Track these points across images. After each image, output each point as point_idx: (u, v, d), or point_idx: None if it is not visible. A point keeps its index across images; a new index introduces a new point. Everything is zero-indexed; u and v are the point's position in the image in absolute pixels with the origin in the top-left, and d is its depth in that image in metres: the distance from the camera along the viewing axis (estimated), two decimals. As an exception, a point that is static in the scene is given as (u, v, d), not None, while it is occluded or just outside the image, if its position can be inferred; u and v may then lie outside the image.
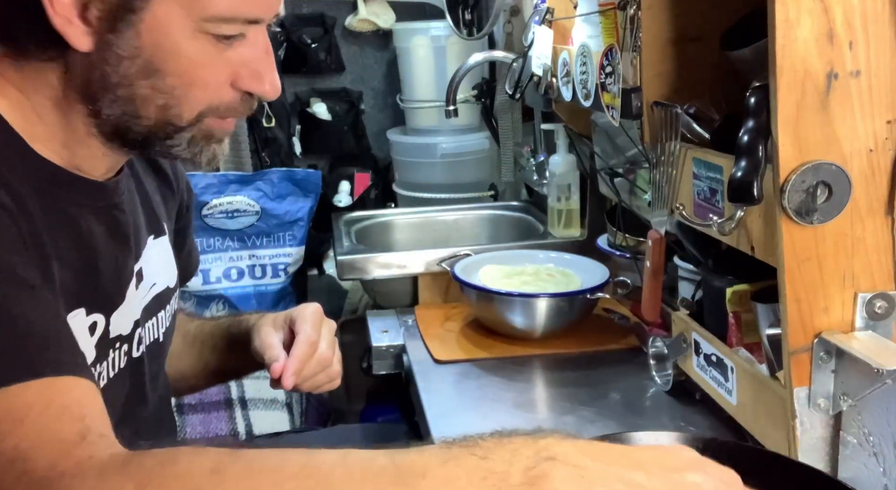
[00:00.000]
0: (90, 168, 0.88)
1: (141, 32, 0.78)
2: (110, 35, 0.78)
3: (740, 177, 0.88)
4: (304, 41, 2.67)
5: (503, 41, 2.17)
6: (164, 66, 0.80)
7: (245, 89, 0.85)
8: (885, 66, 0.85)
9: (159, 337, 1.01)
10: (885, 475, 0.87)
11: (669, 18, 1.11)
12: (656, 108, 1.11)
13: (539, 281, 1.61)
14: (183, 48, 0.80)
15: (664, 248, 1.20)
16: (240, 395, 2.11)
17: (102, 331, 0.89)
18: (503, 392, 1.35)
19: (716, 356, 1.09)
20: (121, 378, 0.93)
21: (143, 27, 0.78)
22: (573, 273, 1.63)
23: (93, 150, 0.86)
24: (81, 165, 0.87)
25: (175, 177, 1.11)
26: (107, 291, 0.90)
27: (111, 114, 0.82)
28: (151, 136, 0.84)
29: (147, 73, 0.80)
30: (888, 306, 0.89)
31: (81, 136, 0.85)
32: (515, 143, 2.33)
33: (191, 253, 1.20)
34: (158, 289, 1.00)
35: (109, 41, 0.79)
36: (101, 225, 0.89)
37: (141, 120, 0.83)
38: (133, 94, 0.81)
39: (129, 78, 0.80)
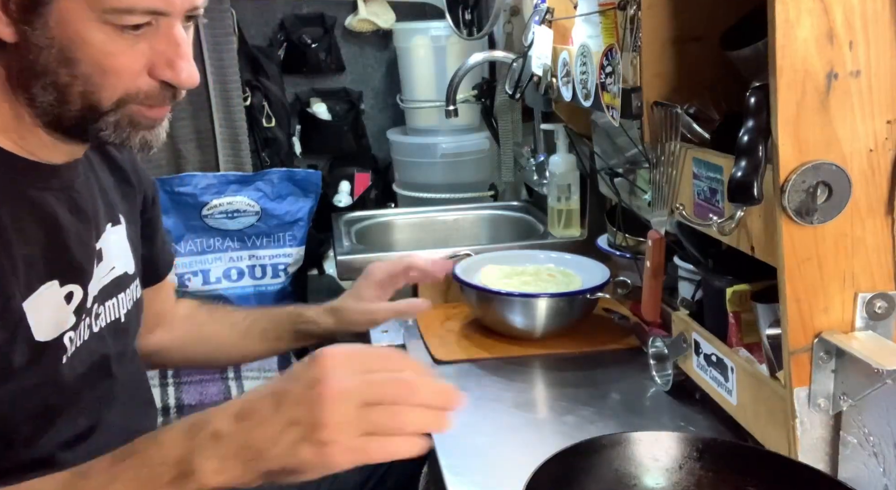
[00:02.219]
0: (46, 156, 0.94)
1: (50, 24, 0.85)
2: (26, 27, 0.85)
3: (740, 177, 0.88)
4: (304, 41, 2.67)
5: (503, 41, 2.18)
6: (75, 55, 0.86)
7: (161, 78, 0.90)
8: (885, 66, 0.85)
9: (120, 317, 1.06)
10: (885, 475, 0.87)
11: (669, 18, 1.11)
12: (656, 108, 1.11)
13: (540, 281, 1.61)
14: (90, 38, 0.86)
15: (664, 248, 1.20)
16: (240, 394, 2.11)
17: (80, 299, 0.96)
18: (503, 392, 1.35)
19: (716, 356, 1.09)
20: (86, 348, 0.99)
21: (51, 19, 0.85)
22: (574, 273, 1.63)
23: (42, 139, 0.93)
24: (36, 153, 0.93)
25: (135, 172, 1.15)
26: (78, 263, 0.96)
27: (43, 101, 0.89)
28: (82, 122, 0.90)
29: (63, 61, 0.87)
30: (888, 306, 0.89)
31: (29, 125, 0.91)
32: (515, 143, 2.33)
33: (164, 244, 1.27)
34: (117, 272, 1.05)
35: (27, 33, 0.85)
36: (62, 205, 0.95)
37: (69, 106, 0.89)
38: (56, 82, 0.88)
39: (50, 66, 0.87)
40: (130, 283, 1.10)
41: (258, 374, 2.18)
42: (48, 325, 0.92)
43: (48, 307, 0.92)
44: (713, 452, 0.92)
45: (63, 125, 0.91)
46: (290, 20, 2.69)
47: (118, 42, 0.87)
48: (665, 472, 0.92)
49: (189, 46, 0.92)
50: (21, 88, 0.89)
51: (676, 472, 0.92)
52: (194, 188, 2.18)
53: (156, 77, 0.90)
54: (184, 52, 0.90)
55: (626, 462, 0.92)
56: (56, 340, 0.93)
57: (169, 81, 0.90)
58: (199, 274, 2.21)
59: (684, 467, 0.92)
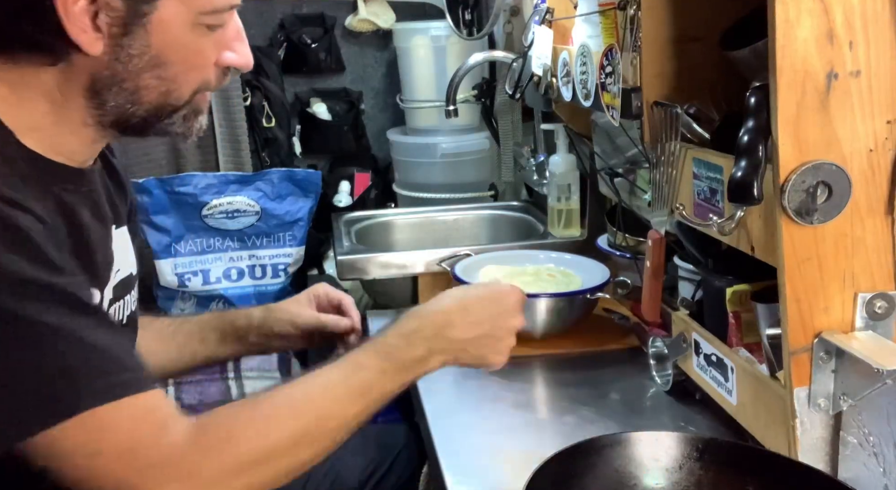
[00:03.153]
0: (72, 155, 0.94)
1: (150, 32, 0.87)
2: (123, 38, 0.86)
3: (740, 177, 0.88)
4: (304, 41, 2.67)
5: (503, 41, 2.17)
6: (168, 58, 0.89)
7: (227, 65, 0.95)
8: (885, 66, 0.85)
9: (123, 319, 1.06)
10: (885, 475, 0.87)
11: (669, 18, 1.11)
12: (656, 108, 1.11)
13: (540, 281, 1.61)
14: (185, 41, 0.89)
15: (664, 248, 1.20)
16: (240, 395, 2.11)
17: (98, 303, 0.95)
18: (503, 392, 1.35)
19: (716, 356, 1.09)
20: None
21: (150, 27, 0.86)
22: (574, 273, 1.63)
23: (82, 138, 0.93)
24: (64, 153, 0.92)
25: (126, 177, 1.15)
26: (100, 268, 0.96)
27: (115, 104, 0.90)
28: (150, 119, 0.93)
29: (153, 65, 0.88)
30: (888, 306, 0.89)
31: (75, 126, 0.91)
32: (515, 143, 2.33)
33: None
34: (123, 274, 1.05)
35: (121, 43, 0.86)
36: (85, 207, 0.95)
37: (142, 106, 0.91)
38: (138, 85, 0.89)
39: (137, 72, 0.88)
40: (133, 284, 1.10)
41: (258, 373, 2.18)
42: None
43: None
44: (713, 452, 0.92)
45: (128, 124, 0.93)
46: (290, 20, 2.69)
47: (205, 40, 0.91)
48: (665, 472, 0.92)
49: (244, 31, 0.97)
50: (89, 94, 0.89)
51: (676, 472, 0.92)
52: (194, 188, 2.18)
53: (221, 64, 0.94)
54: (244, 36, 0.96)
55: (626, 462, 0.92)
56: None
57: (234, 65, 0.95)
58: (199, 274, 2.20)
59: (684, 467, 0.92)
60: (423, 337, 1.02)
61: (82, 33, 0.84)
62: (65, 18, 0.82)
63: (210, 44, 0.92)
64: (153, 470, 0.82)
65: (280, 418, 0.89)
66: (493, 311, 1.07)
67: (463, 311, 1.05)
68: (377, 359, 0.98)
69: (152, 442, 0.83)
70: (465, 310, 1.06)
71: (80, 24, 0.83)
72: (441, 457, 1.15)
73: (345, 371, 0.97)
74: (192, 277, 2.17)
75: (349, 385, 0.96)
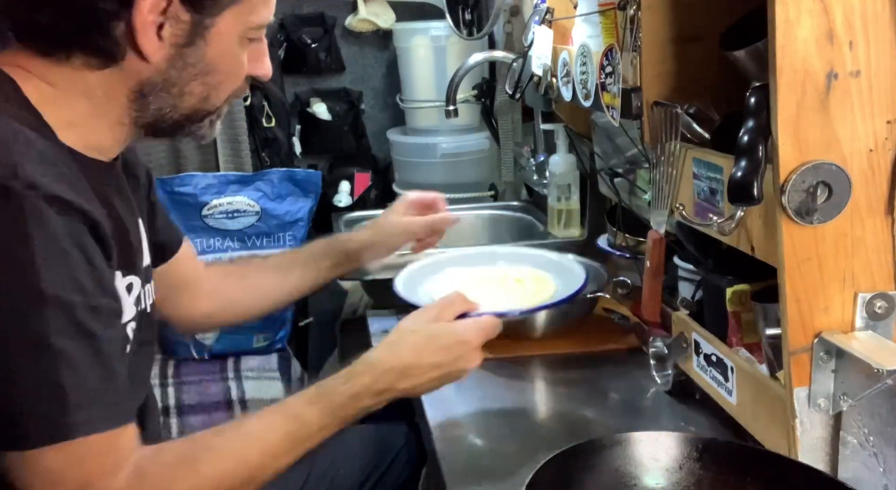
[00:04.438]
0: (102, 150, 0.97)
1: (207, 43, 0.93)
2: (184, 48, 0.92)
3: (740, 177, 0.88)
4: (304, 41, 2.67)
5: (503, 41, 2.18)
6: (219, 67, 0.95)
7: (254, 75, 1.01)
8: (885, 66, 0.85)
9: (146, 308, 1.08)
10: (885, 475, 0.87)
11: (669, 18, 1.11)
12: (656, 108, 1.11)
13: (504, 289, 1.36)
14: (234, 51, 0.96)
15: (664, 248, 1.20)
16: (240, 395, 2.11)
17: (138, 289, 1.01)
18: (503, 392, 1.35)
19: (716, 356, 1.09)
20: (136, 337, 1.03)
21: (209, 38, 0.93)
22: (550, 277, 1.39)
23: (116, 135, 0.97)
24: (96, 148, 0.96)
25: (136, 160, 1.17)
26: (135, 255, 1.01)
27: (157, 107, 0.95)
28: (183, 122, 0.98)
29: (205, 73, 0.95)
30: (888, 306, 0.89)
31: (111, 123, 0.95)
32: (515, 143, 2.33)
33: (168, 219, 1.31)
34: (143, 264, 1.07)
35: (182, 53, 0.92)
36: (119, 199, 0.99)
37: (180, 110, 0.97)
38: (184, 91, 0.95)
39: (187, 79, 0.94)
40: (151, 274, 1.12)
41: (258, 373, 2.18)
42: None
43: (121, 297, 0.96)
44: (713, 452, 0.92)
45: (162, 126, 0.98)
46: (290, 20, 2.69)
47: (244, 51, 0.98)
48: (665, 472, 0.92)
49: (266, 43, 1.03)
50: (134, 96, 0.94)
51: (676, 472, 0.92)
52: (194, 188, 2.17)
53: (250, 74, 1.01)
54: (266, 48, 1.02)
55: (626, 462, 0.92)
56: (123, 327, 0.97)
57: (258, 75, 1.01)
58: (199, 274, 2.20)
59: (684, 467, 0.92)
60: (373, 392, 1.03)
61: (148, 43, 0.89)
62: (139, 29, 0.87)
63: (244, 54, 0.98)
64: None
65: (216, 475, 0.93)
66: (452, 355, 1.07)
67: (419, 359, 1.05)
68: (321, 415, 0.99)
69: (103, 484, 0.86)
70: (421, 357, 1.05)
71: (148, 35, 0.89)
72: (441, 457, 1.15)
73: (286, 425, 0.98)
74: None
75: (288, 440, 0.97)
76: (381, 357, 1.05)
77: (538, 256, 1.47)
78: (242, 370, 2.18)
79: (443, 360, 1.06)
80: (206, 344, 2.18)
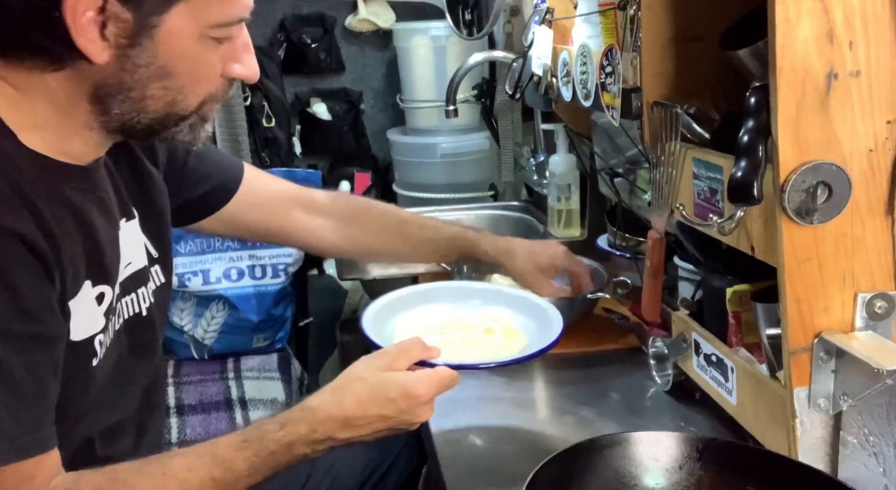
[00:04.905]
0: (77, 155, 0.94)
1: (157, 43, 0.87)
2: (130, 49, 0.86)
3: (740, 177, 0.88)
4: (304, 41, 2.67)
5: (503, 41, 2.18)
6: (175, 69, 0.89)
7: (233, 77, 0.96)
8: (885, 66, 0.85)
9: (141, 312, 1.07)
10: (885, 475, 0.87)
11: (669, 18, 1.11)
12: (656, 108, 1.11)
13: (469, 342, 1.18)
14: (191, 52, 0.89)
15: (664, 248, 1.20)
16: (240, 395, 2.11)
17: (110, 301, 0.98)
18: (503, 392, 1.35)
19: (716, 356, 1.09)
20: (112, 349, 1.01)
21: (158, 39, 0.87)
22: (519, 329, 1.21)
23: (87, 140, 0.94)
24: (70, 153, 0.93)
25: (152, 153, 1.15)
26: (108, 264, 0.98)
27: (120, 112, 0.90)
28: (156, 127, 0.93)
29: (160, 76, 0.89)
30: (888, 306, 0.89)
31: (79, 128, 0.92)
32: (515, 143, 2.34)
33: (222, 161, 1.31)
34: (133, 268, 1.06)
35: (128, 54, 0.87)
36: (92, 205, 0.96)
37: (147, 115, 0.91)
38: (144, 95, 0.90)
39: (143, 81, 0.89)
40: (148, 274, 1.10)
41: (258, 373, 2.18)
42: (83, 325, 0.93)
43: (85, 307, 0.93)
44: (713, 452, 0.92)
45: (132, 130, 0.93)
46: (290, 20, 2.69)
47: (212, 52, 0.91)
48: (665, 472, 0.92)
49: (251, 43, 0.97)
50: (94, 100, 0.90)
51: (676, 472, 0.92)
52: (194, 188, 2.17)
53: (227, 75, 0.95)
54: (251, 48, 0.97)
55: (626, 462, 0.92)
56: (87, 341, 0.94)
57: (240, 77, 0.96)
58: (199, 274, 2.20)
59: (684, 467, 0.92)
60: (310, 441, 0.97)
61: (90, 43, 0.84)
62: (72, 28, 0.83)
63: (216, 56, 0.92)
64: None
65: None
66: (398, 408, 0.99)
67: (364, 408, 0.98)
68: (249, 462, 0.94)
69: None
70: (366, 408, 0.98)
71: (88, 34, 0.84)
72: (441, 457, 1.15)
73: (212, 469, 0.93)
74: (192, 277, 2.17)
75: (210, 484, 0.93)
76: (321, 405, 0.99)
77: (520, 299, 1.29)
78: (242, 370, 2.18)
79: (388, 412, 0.99)
80: (206, 344, 2.19)
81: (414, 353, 1.03)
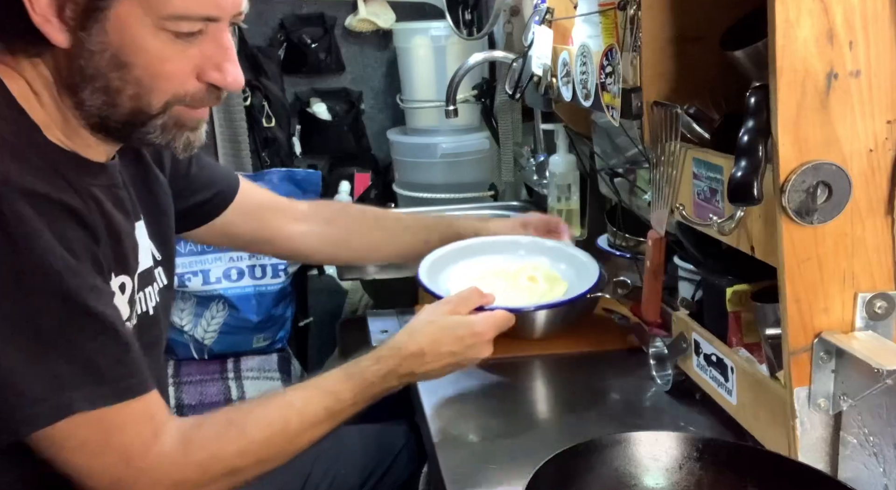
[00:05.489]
0: (87, 151, 0.96)
1: (107, 30, 0.87)
2: (82, 33, 0.87)
3: (740, 177, 0.88)
4: (304, 41, 2.67)
5: (503, 41, 2.18)
6: (129, 60, 0.89)
7: (208, 81, 0.94)
8: (885, 66, 0.85)
9: (149, 310, 1.09)
10: (885, 475, 0.87)
11: (669, 18, 1.11)
12: (656, 108, 1.11)
13: (516, 288, 1.43)
14: (144, 43, 0.89)
15: (664, 248, 1.20)
16: (240, 395, 2.11)
17: (131, 290, 1.02)
18: (503, 392, 1.35)
19: (716, 356, 1.09)
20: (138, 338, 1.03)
21: (108, 25, 0.87)
22: (559, 276, 1.47)
23: (86, 139, 0.96)
24: (81, 151, 0.95)
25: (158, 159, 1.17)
26: (128, 255, 1.01)
27: (92, 104, 0.91)
28: (128, 125, 0.94)
29: (116, 66, 0.89)
30: (888, 306, 0.89)
31: (74, 126, 0.94)
32: (515, 143, 2.34)
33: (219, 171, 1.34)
34: (141, 268, 1.08)
35: (82, 38, 0.87)
36: (110, 200, 0.98)
37: (117, 109, 0.92)
38: (107, 85, 0.90)
39: (102, 70, 0.89)
40: (154, 275, 1.12)
41: (258, 373, 2.18)
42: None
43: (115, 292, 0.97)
44: (713, 452, 0.92)
45: (108, 127, 0.94)
46: (290, 20, 2.69)
47: (171, 47, 0.90)
48: (665, 472, 0.92)
49: (234, 50, 0.96)
50: (69, 91, 0.91)
51: (676, 472, 0.92)
52: (194, 188, 2.17)
53: (203, 80, 0.94)
54: (231, 55, 0.94)
55: (626, 462, 0.92)
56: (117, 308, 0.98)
57: (217, 84, 0.94)
58: (199, 274, 2.20)
59: (684, 467, 0.92)
60: (398, 374, 1.11)
61: (46, 23, 0.86)
62: (30, 8, 0.85)
63: (182, 54, 0.91)
64: (146, 473, 0.91)
65: (259, 441, 0.99)
66: (465, 345, 1.16)
67: (436, 346, 1.14)
68: (353, 393, 1.07)
69: (147, 448, 0.91)
70: (439, 344, 1.14)
71: (43, 14, 0.86)
72: (441, 457, 1.15)
73: (323, 400, 1.04)
74: (192, 277, 2.17)
75: (324, 413, 1.04)
76: (404, 343, 1.13)
77: (558, 250, 1.53)
78: (242, 370, 2.18)
79: (457, 349, 1.15)
80: (206, 344, 2.19)
81: (473, 299, 1.21)
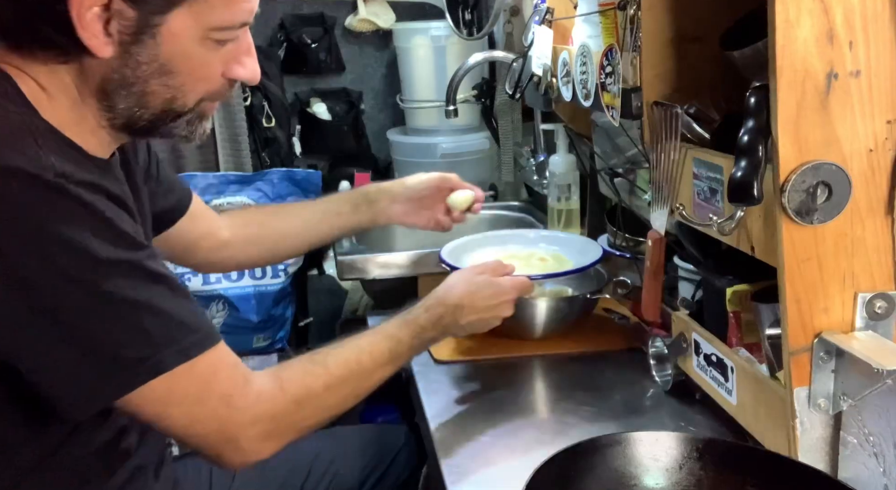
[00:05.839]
0: (95, 151, 0.97)
1: (159, 42, 0.91)
2: (132, 46, 0.90)
3: (740, 177, 0.88)
4: (304, 41, 2.67)
5: (503, 41, 2.17)
6: (175, 68, 0.93)
7: (233, 78, 0.99)
8: (885, 66, 0.85)
9: None
10: (885, 475, 0.87)
11: (669, 18, 1.11)
12: (656, 108, 1.11)
13: (530, 267, 1.58)
14: (192, 53, 0.93)
15: (664, 248, 1.20)
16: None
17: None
18: (503, 392, 1.35)
19: (716, 356, 1.09)
20: None
21: (160, 38, 0.91)
22: (565, 256, 1.62)
23: (100, 138, 0.97)
24: (89, 150, 0.96)
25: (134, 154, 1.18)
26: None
27: (123, 107, 0.94)
28: (156, 123, 0.97)
29: (161, 73, 0.93)
30: (888, 306, 0.89)
31: (92, 126, 0.95)
32: (515, 143, 2.33)
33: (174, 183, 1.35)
34: None
35: (130, 50, 0.90)
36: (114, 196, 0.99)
37: (148, 111, 0.95)
38: (145, 91, 0.93)
39: (145, 78, 0.93)
40: None
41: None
42: None
43: None
44: (713, 452, 0.92)
45: (135, 127, 0.97)
46: (290, 20, 2.69)
47: (213, 54, 0.95)
48: (665, 472, 0.92)
49: (253, 45, 1.00)
50: (100, 96, 0.93)
51: (676, 472, 0.92)
52: (194, 188, 2.16)
53: (228, 76, 0.98)
54: (252, 50, 1.00)
55: (626, 462, 0.92)
56: None
57: (240, 79, 1.00)
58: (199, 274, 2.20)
59: (684, 467, 0.92)
60: (444, 324, 1.23)
61: (93, 38, 0.88)
62: (77, 23, 0.86)
63: (218, 57, 0.96)
64: (248, 411, 0.97)
65: (341, 377, 1.07)
66: (494, 302, 1.28)
67: (472, 299, 1.26)
68: (411, 337, 1.17)
69: (244, 389, 0.97)
70: (474, 298, 1.26)
71: (92, 30, 0.87)
72: (441, 457, 1.15)
73: (388, 342, 1.14)
74: (192, 277, 2.17)
75: (389, 354, 1.13)
76: (446, 294, 1.25)
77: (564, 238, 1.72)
78: (242, 370, 2.18)
79: (488, 304, 1.27)
80: (206, 344, 2.18)
81: (497, 268, 1.34)
